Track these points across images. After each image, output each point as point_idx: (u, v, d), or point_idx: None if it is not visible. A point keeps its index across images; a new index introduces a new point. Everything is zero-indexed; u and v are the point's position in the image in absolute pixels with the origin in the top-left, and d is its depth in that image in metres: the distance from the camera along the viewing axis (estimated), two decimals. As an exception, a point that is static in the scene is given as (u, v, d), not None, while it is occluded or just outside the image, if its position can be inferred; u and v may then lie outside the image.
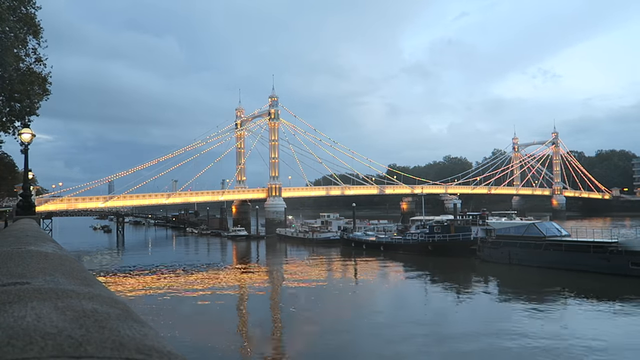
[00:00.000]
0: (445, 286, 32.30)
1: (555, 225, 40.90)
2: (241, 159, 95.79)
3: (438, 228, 48.24)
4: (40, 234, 5.75)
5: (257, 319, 24.60)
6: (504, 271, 36.70)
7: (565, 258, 34.84)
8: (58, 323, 1.07)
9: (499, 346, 18.38)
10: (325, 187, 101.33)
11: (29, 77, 17.06)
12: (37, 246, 3.44)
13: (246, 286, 34.17)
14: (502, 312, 24.15)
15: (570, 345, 18.20)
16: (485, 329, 20.72)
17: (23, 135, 15.69)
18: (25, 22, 16.45)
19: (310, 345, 19.40)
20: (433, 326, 21.74)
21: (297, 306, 26.61)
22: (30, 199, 16.07)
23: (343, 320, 23.68)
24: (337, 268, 43.20)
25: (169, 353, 1.01)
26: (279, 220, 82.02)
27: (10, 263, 2.27)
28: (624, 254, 32.31)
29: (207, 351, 18.46)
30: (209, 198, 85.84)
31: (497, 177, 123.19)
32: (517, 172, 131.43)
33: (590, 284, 29.98)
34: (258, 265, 47.67)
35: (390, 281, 35.79)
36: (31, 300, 1.33)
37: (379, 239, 54.56)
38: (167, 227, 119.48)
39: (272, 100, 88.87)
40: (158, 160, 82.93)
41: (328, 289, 31.89)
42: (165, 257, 53.73)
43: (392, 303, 27.32)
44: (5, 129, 17.91)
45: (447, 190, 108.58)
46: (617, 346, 18.04)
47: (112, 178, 79.86)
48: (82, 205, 76.25)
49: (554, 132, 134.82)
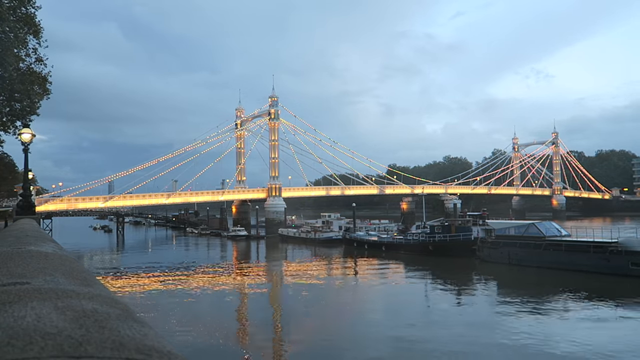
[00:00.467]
0: (445, 286, 32.30)
1: (555, 225, 40.88)
2: (241, 159, 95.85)
3: (439, 228, 48.33)
4: (40, 234, 5.75)
5: (258, 319, 24.59)
6: (504, 271, 36.69)
7: (565, 258, 34.82)
8: (58, 323, 1.07)
9: (499, 346, 18.37)
10: (325, 187, 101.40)
11: (29, 77, 17.07)
12: (37, 246, 3.44)
13: (248, 286, 34.17)
14: (501, 312, 24.12)
15: (570, 345, 18.20)
16: (485, 329, 20.71)
17: (23, 135, 15.70)
18: (25, 22, 16.46)
19: (310, 345, 19.39)
20: (433, 326, 21.73)
21: (299, 305, 26.62)
22: (30, 199, 16.09)
23: (344, 319, 23.68)
24: (341, 267, 43.25)
25: (169, 353, 1.01)
26: (279, 220, 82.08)
27: (10, 263, 2.27)
28: (623, 254, 32.30)
29: (208, 351, 18.46)
30: (209, 198, 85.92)
31: (497, 177, 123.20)
32: (517, 172, 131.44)
33: (590, 284, 29.95)
34: (259, 265, 47.68)
35: (392, 281, 35.80)
36: (31, 300, 1.33)
37: (380, 239, 54.68)
38: (167, 227, 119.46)
39: (272, 100, 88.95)
40: (158, 160, 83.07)
41: (332, 288, 31.90)
42: (165, 257, 53.76)
43: (393, 303, 27.31)
44: (5, 129, 17.92)
45: (447, 190, 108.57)
46: (616, 346, 18.04)
47: (112, 178, 79.96)
48: (82, 205, 76.30)
49: (554, 132, 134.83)
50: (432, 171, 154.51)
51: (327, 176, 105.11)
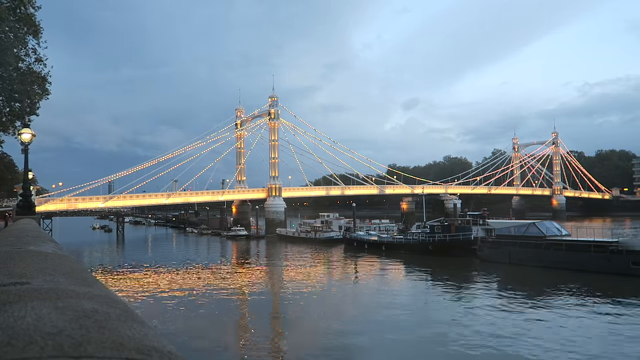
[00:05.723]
0: (445, 286, 32.27)
1: (556, 225, 40.89)
2: (241, 159, 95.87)
3: (439, 228, 48.31)
4: (40, 234, 5.75)
5: (258, 319, 24.58)
6: (504, 271, 36.67)
7: (566, 258, 34.81)
8: (58, 323, 1.07)
9: (498, 346, 18.36)
10: (325, 187, 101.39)
11: (28, 77, 17.03)
12: (37, 246, 3.44)
13: (247, 285, 34.15)
14: (500, 312, 24.11)
15: (570, 345, 18.20)
16: (483, 329, 20.70)
17: (23, 135, 15.70)
18: (24, 22, 16.43)
19: (310, 345, 19.38)
20: (433, 326, 21.73)
21: (299, 305, 26.61)
22: (30, 199, 16.08)
23: (344, 319, 23.67)
24: (341, 267, 43.23)
25: (169, 353, 1.00)
26: (279, 220, 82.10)
27: (10, 263, 2.27)
28: (624, 254, 32.32)
29: (208, 351, 18.46)
30: (209, 198, 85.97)
31: (497, 177, 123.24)
32: (517, 172, 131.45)
33: (591, 283, 29.95)
34: (259, 264, 47.66)
35: (392, 280, 35.79)
36: (31, 300, 1.33)
37: (380, 238, 54.71)
38: (167, 227, 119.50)
39: (272, 100, 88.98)
40: (158, 160, 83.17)
41: (332, 288, 31.89)
42: (165, 257, 53.75)
43: (393, 302, 27.26)
44: (5, 129, 17.90)
45: (447, 190, 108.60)
46: (616, 346, 18.04)
47: (112, 178, 79.94)
48: (82, 205, 76.32)
49: (554, 132, 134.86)
50: (432, 171, 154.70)
51: (327, 176, 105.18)
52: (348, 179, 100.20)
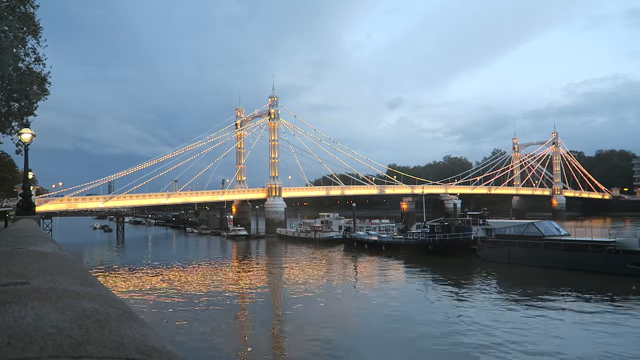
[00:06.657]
0: (445, 285, 32.30)
1: (554, 225, 40.96)
2: (241, 159, 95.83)
3: (439, 228, 48.32)
4: (40, 234, 5.75)
5: (257, 319, 24.57)
6: (503, 270, 36.72)
7: (564, 257, 34.86)
8: (58, 323, 1.07)
9: (498, 345, 18.37)
10: (325, 187, 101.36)
11: (28, 77, 17.00)
12: (37, 246, 3.44)
13: (247, 285, 34.14)
14: (500, 311, 24.13)
15: (569, 345, 18.21)
16: (483, 328, 20.71)
17: (23, 135, 15.66)
18: (24, 22, 16.40)
19: (310, 345, 19.38)
20: (433, 325, 21.73)
21: (299, 305, 26.60)
22: (30, 199, 16.04)
23: (344, 320, 23.69)
24: (341, 267, 43.23)
25: (169, 353, 1.00)
26: (279, 220, 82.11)
27: (10, 263, 2.27)
28: (622, 254, 32.38)
29: (207, 351, 18.46)
30: (209, 198, 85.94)
31: (497, 177, 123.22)
32: (517, 172, 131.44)
33: (588, 283, 30.00)
34: (259, 264, 47.65)
35: (392, 280, 35.78)
36: (31, 300, 1.32)
37: (380, 238, 54.72)
38: (167, 227, 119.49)
39: (272, 100, 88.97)
40: (158, 160, 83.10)
41: (332, 288, 31.87)
42: (165, 257, 53.77)
43: (392, 302, 27.27)
44: (3, 130, 17.86)
45: (447, 190, 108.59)
46: (616, 346, 18.04)
47: (112, 178, 79.89)
48: (82, 205, 76.29)
49: (554, 132, 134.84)
50: (432, 171, 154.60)
51: (327, 176, 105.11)
52: (348, 179, 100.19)
